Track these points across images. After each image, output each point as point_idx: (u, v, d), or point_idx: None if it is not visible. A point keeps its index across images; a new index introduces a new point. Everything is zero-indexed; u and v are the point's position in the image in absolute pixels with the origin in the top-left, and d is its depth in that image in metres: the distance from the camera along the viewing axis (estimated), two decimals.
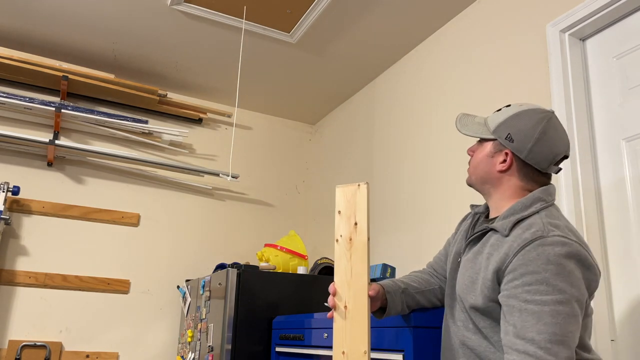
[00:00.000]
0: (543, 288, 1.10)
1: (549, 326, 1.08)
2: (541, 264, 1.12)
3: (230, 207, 3.64)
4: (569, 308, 1.09)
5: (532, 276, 1.12)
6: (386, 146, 3.07)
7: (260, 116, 3.92)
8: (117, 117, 3.23)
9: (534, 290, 1.11)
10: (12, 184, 3.03)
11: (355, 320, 1.29)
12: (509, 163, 1.29)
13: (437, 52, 2.77)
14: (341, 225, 1.37)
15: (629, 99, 1.84)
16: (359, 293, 1.30)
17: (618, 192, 1.82)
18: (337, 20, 2.73)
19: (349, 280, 1.32)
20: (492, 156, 1.32)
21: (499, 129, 1.30)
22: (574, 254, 1.13)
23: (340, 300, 1.31)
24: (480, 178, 1.35)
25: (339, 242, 1.36)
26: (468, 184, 1.40)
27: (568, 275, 1.11)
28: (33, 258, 3.01)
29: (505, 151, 1.29)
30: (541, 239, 1.14)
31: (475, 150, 1.38)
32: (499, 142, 1.30)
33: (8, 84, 3.13)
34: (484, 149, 1.34)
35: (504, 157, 1.29)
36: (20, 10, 2.76)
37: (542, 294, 1.10)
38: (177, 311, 3.30)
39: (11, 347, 2.84)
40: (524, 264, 1.13)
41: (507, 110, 1.33)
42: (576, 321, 1.10)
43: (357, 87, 3.45)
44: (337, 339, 1.29)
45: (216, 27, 2.84)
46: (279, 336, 2.29)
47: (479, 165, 1.35)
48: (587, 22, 1.96)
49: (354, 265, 1.33)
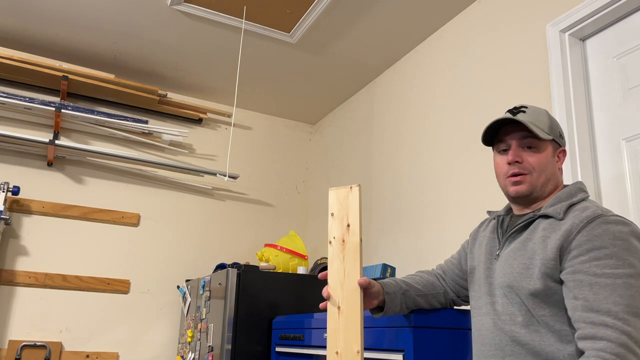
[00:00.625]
0: (613, 262, 1.11)
1: (624, 298, 1.08)
2: (608, 239, 1.13)
3: (230, 207, 3.64)
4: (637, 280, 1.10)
5: (600, 251, 1.13)
6: (386, 146, 3.07)
7: (260, 116, 3.92)
8: (117, 117, 3.23)
9: (604, 265, 1.12)
10: (12, 184, 3.03)
11: (348, 320, 1.30)
12: (563, 160, 1.35)
13: (437, 52, 2.77)
14: (334, 227, 1.39)
15: (629, 99, 1.84)
16: (352, 294, 1.32)
17: (618, 192, 1.82)
18: (337, 20, 2.73)
19: (342, 281, 1.34)
20: (554, 156, 1.33)
21: (551, 129, 1.32)
22: (637, 233, 1.15)
23: (334, 301, 1.32)
24: (547, 181, 1.31)
25: (332, 243, 1.38)
26: (525, 194, 1.30)
27: (636, 251, 1.12)
28: (33, 258, 3.01)
29: (560, 150, 1.34)
30: (603, 217, 1.16)
31: (522, 155, 1.31)
32: (555, 142, 1.33)
33: (8, 84, 3.13)
34: (546, 150, 1.31)
35: (558, 156, 1.34)
36: (20, 10, 2.76)
37: (613, 268, 1.11)
38: (177, 311, 3.30)
39: (11, 347, 2.84)
40: (590, 239, 1.15)
41: (537, 111, 1.33)
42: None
43: (357, 87, 3.45)
44: (331, 339, 1.30)
45: (216, 27, 2.84)
46: (279, 336, 2.29)
47: (547, 167, 1.31)
48: (587, 22, 1.96)
49: (346, 266, 1.34)
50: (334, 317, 1.32)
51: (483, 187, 2.29)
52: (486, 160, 2.31)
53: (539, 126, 1.29)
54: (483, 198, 2.29)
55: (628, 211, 1.77)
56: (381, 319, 1.59)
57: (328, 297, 1.32)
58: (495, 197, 2.20)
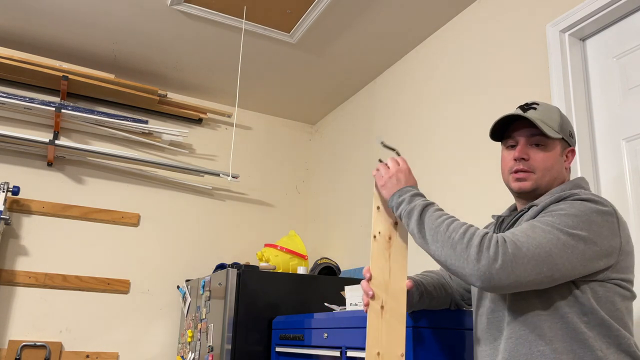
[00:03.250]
0: (558, 219, 1.12)
1: (541, 238, 1.09)
2: (570, 205, 1.14)
3: (230, 207, 3.64)
4: (569, 238, 1.09)
5: (556, 211, 1.14)
6: None
7: (260, 116, 3.92)
8: (117, 117, 3.23)
9: (549, 218, 1.13)
10: (12, 184, 3.03)
11: (392, 321, 1.26)
12: (572, 160, 1.33)
13: (436, 52, 2.76)
14: (380, 222, 1.33)
15: (629, 99, 1.84)
16: (398, 294, 1.27)
17: (618, 191, 1.82)
18: (337, 20, 2.73)
19: (387, 280, 1.29)
20: (562, 155, 1.31)
21: (562, 128, 1.29)
22: (603, 212, 1.14)
23: (377, 299, 1.27)
24: (553, 179, 1.29)
25: (377, 239, 1.32)
26: (528, 190, 1.29)
27: (589, 222, 1.12)
28: (33, 258, 3.01)
29: (570, 149, 1.32)
30: (577, 195, 1.17)
31: (530, 152, 1.29)
32: (564, 140, 1.31)
33: (8, 84, 3.13)
34: (554, 149, 1.29)
35: (566, 155, 1.32)
36: (20, 10, 2.76)
37: (556, 221, 1.12)
38: (177, 311, 3.30)
39: (11, 347, 2.84)
40: (557, 207, 1.16)
41: (549, 109, 1.31)
42: (573, 253, 1.09)
43: (357, 87, 3.45)
44: (372, 338, 1.25)
45: (216, 27, 2.85)
46: (279, 336, 2.29)
47: (554, 166, 1.29)
48: (587, 22, 1.96)
49: (393, 265, 1.30)
50: (377, 316, 1.27)
51: (484, 187, 2.29)
52: (487, 160, 2.31)
53: (549, 124, 1.27)
54: (483, 198, 2.29)
55: (628, 211, 1.77)
56: None
57: (370, 294, 1.28)
58: (496, 196, 2.20)
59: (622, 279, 1.16)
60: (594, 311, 1.11)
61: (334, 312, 1.95)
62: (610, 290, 1.14)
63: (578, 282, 1.14)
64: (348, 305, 1.89)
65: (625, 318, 1.15)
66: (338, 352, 1.80)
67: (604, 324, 1.11)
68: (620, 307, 1.14)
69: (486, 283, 1.07)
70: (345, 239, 3.31)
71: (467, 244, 1.11)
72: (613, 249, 1.13)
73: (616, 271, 1.15)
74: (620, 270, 1.15)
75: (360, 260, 3.10)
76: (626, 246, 1.17)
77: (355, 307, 1.85)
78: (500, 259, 1.06)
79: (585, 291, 1.13)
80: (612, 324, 1.11)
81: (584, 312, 1.12)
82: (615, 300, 1.14)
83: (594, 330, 1.11)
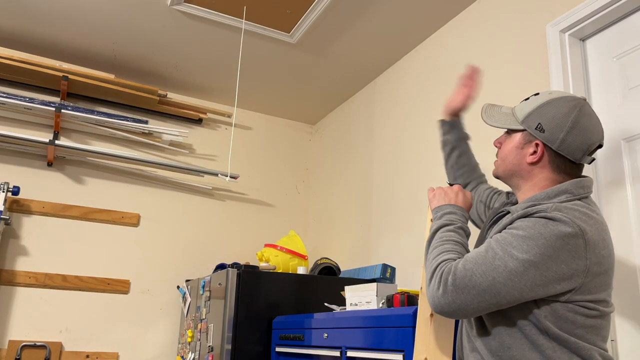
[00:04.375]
0: (515, 240, 1.10)
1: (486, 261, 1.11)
2: (530, 226, 1.11)
3: (230, 207, 3.64)
4: (519, 265, 1.08)
5: (516, 230, 1.12)
6: (386, 146, 3.07)
7: (260, 116, 3.92)
8: (117, 117, 3.23)
9: (506, 239, 1.12)
10: (12, 184, 3.03)
11: (441, 329, 1.31)
12: (540, 154, 1.24)
13: (437, 52, 2.77)
14: None
15: (629, 99, 1.84)
16: None
17: (618, 192, 1.82)
18: (337, 20, 2.73)
19: None
20: (522, 147, 1.27)
21: (528, 118, 1.26)
22: (565, 235, 1.08)
23: (426, 308, 1.32)
24: (508, 170, 1.31)
25: None
26: (495, 176, 1.37)
27: (547, 248, 1.08)
28: (33, 258, 3.01)
29: (535, 142, 1.24)
30: (543, 213, 1.12)
31: (503, 141, 1.34)
32: (528, 132, 1.26)
33: (8, 84, 3.13)
34: (513, 140, 1.30)
35: (534, 149, 1.25)
36: (20, 10, 2.76)
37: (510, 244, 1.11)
38: (177, 311, 3.30)
39: (11, 347, 2.84)
40: (519, 224, 1.14)
41: (535, 99, 1.28)
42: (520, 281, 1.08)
43: (357, 87, 3.45)
44: (420, 344, 1.29)
45: (216, 27, 2.85)
46: (279, 336, 2.29)
47: (507, 157, 1.30)
48: (587, 22, 1.95)
49: None
50: (425, 323, 1.31)
51: None
52: (486, 160, 2.31)
53: (516, 115, 1.30)
54: None
55: (628, 211, 1.77)
56: (381, 320, 1.59)
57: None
58: None
59: (590, 300, 1.11)
60: (550, 329, 1.10)
61: (334, 312, 1.95)
62: (572, 311, 1.11)
63: (538, 301, 1.12)
64: (348, 305, 1.89)
65: (587, 334, 1.12)
66: (338, 352, 1.80)
67: (560, 339, 1.10)
68: (584, 324, 1.11)
69: (434, 308, 1.15)
70: (345, 239, 3.31)
71: (430, 270, 1.19)
72: (574, 272, 1.09)
73: (581, 293, 1.11)
74: (587, 292, 1.11)
75: (360, 260, 3.10)
76: (595, 267, 1.11)
77: (355, 307, 1.85)
78: (441, 288, 1.13)
79: (543, 309, 1.11)
80: (569, 339, 1.10)
81: (539, 329, 1.12)
82: (576, 319, 1.11)
83: (553, 342, 1.11)
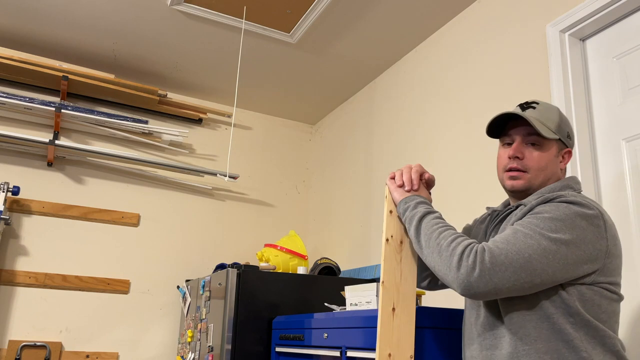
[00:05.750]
0: (541, 222, 1.13)
1: (521, 244, 1.10)
2: (554, 208, 1.15)
3: (230, 207, 3.64)
4: (551, 243, 1.10)
5: (541, 214, 1.15)
6: (386, 146, 3.07)
7: (260, 116, 3.92)
8: (117, 117, 3.23)
9: (532, 221, 1.14)
10: (12, 184, 3.03)
11: (403, 324, 1.29)
12: (568, 161, 1.33)
13: (437, 52, 2.77)
14: (392, 226, 1.36)
15: (629, 99, 1.84)
16: (408, 297, 1.30)
17: (618, 192, 1.82)
18: (337, 20, 2.73)
19: (398, 283, 1.31)
20: (557, 156, 1.30)
21: (560, 129, 1.30)
22: (587, 216, 1.13)
23: (388, 301, 1.30)
24: (547, 179, 1.29)
25: (389, 242, 1.35)
26: (521, 189, 1.30)
27: (572, 226, 1.12)
28: (33, 258, 3.01)
29: (566, 150, 1.32)
30: (563, 197, 1.17)
31: (525, 151, 1.30)
32: (561, 141, 1.30)
33: (8, 84, 3.13)
34: (549, 149, 1.29)
35: (562, 156, 1.32)
36: (20, 10, 2.76)
37: (537, 225, 1.13)
38: (177, 311, 3.30)
39: (11, 347, 2.84)
40: (542, 209, 1.17)
41: (549, 109, 1.31)
42: (554, 259, 1.10)
43: (357, 87, 3.45)
44: (383, 340, 1.27)
45: (216, 27, 2.85)
46: (279, 336, 2.29)
47: (548, 166, 1.29)
48: (587, 22, 1.96)
49: (404, 268, 1.33)
50: (388, 318, 1.29)
51: (483, 187, 2.29)
52: (486, 160, 2.31)
53: (547, 124, 1.28)
54: (483, 197, 2.29)
55: (628, 211, 1.77)
56: None
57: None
58: (496, 195, 2.20)
59: (610, 282, 1.16)
60: (580, 313, 1.12)
61: (334, 312, 1.95)
62: (597, 294, 1.14)
63: (565, 284, 1.14)
64: (348, 305, 1.89)
65: (610, 320, 1.15)
66: (338, 352, 1.80)
67: (590, 326, 1.12)
68: (607, 309, 1.15)
69: (465, 291, 1.11)
70: (345, 239, 3.31)
71: (451, 253, 1.15)
72: (598, 252, 1.13)
73: (603, 274, 1.15)
74: (607, 273, 1.15)
75: (360, 260, 3.10)
76: (613, 249, 1.16)
77: (355, 307, 1.85)
78: (477, 267, 1.09)
79: (572, 293, 1.13)
80: (598, 325, 1.12)
81: (570, 314, 1.13)
82: (601, 303, 1.14)
83: (580, 331, 1.12)
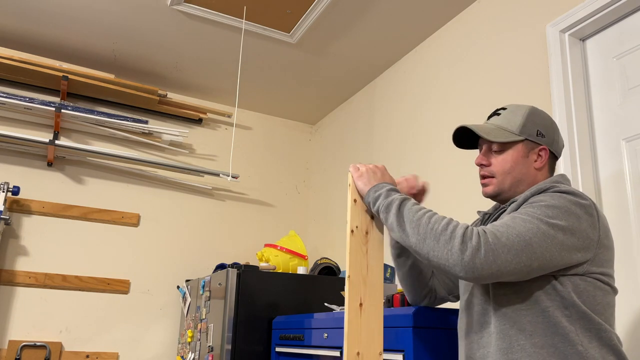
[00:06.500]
0: (538, 210, 1.14)
1: (521, 228, 1.11)
2: (550, 197, 1.16)
3: (230, 207, 3.64)
4: (549, 228, 1.11)
5: (537, 203, 1.16)
6: (386, 146, 3.07)
7: (260, 116, 3.92)
8: (117, 117, 3.24)
9: (529, 210, 1.15)
10: (12, 184, 3.03)
11: (371, 319, 1.21)
12: (546, 158, 1.31)
13: (437, 52, 2.77)
14: (356, 216, 1.28)
15: (629, 99, 1.84)
16: (375, 290, 1.23)
17: (618, 192, 1.82)
18: (337, 20, 2.73)
19: (365, 276, 1.24)
20: (527, 156, 1.31)
21: (524, 129, 1.30)
22: (583, 206, 1.15)
23: (355, 296, 1.21)
24: (517, 181, 1.30)
25: (354, 234, 1.27)
26: (494, 194, 1.32)
27: (569, 213, 1.13)
28: (33, 258, 3.01)
29: (540, 148, 1.31)
30: (556, 188, 1.19)
31: (491, 158, 1.33)
32: (529, 141, 1.30)
33: (8, 84, 3.13)
34: (514, 151, 1.31)
35: (537, 155, 1.31)
36: (20, 10, 2.76)
37: (535, 212, 1.13)
38: (177, 311, 3.30)
39: (11, 347, 2.84)
40: (537, 199, 1.18)
41: (514, 111, 1.34)
42: (552, 243, 1.10)
43: (357, 87, 3.45)
44: (351, 337, 1.20)
45: (216, 27, 2.85)
46: (279, 336, 2.29)
47: (513, 169, 1.30)
48: (587, 22, 1.96)
49: (370, 260, 1.26)
50: (355, 314, 1.21)
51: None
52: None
53: (507, 128, 1.31)
54: (482, 197, 2.28)
55: (628, 211, 1.77)
56: None
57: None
58: None
59: (602, 273, 1.16)
60: (575, 305, 1.12)
61: (334, 312, 1.95)
62: (591, 285, 1.14)
63: (559, 276, 1.14)
64: None
65: (606, 313, 1.15)
66: (338, 352, 1.80)
67: (586, 318, 1.12)
68: (602, 301, 1.15)
69: (470, 273, 1.08)
70: (345, 239, 3.31)
71: (450, 236, 1.11)
72: (591, 241, 1.15)
73: (595, 265, 1.15)
74: (599, 263, 1.16)
75: None
76: (605, 240, 1.17)
77: None
78: (482, 249, 1.07)
79: (566, 285, 1.14)
80: (594, 317, 1.12)
81: (565, 306, 1.13)
82: (596, 294, 1.14)
83: (575, 324, 1.11)
